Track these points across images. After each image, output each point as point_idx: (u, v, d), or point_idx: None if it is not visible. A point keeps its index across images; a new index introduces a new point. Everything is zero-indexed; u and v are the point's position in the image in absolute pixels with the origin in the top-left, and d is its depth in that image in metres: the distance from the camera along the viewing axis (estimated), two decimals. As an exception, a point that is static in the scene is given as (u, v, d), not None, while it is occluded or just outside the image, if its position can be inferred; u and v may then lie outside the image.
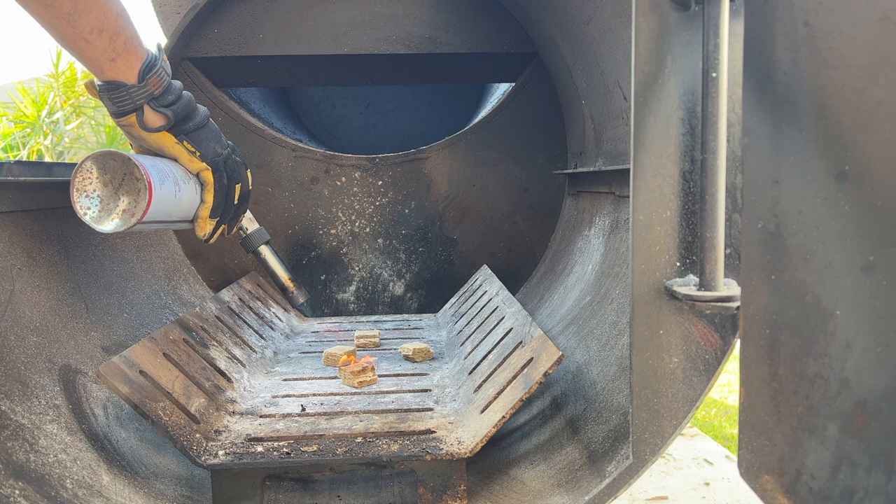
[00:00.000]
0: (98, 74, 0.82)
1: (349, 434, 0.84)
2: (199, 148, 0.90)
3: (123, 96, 0.83)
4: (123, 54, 0.80)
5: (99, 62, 0.79)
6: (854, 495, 0.40)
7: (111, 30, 0.77)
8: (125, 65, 0.81)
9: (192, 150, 0.90)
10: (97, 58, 0.79)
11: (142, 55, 0.82)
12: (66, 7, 0.72)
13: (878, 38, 0.38)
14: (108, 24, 0.77)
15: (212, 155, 0.92)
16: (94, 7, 0.74)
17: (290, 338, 1.38)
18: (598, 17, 1.13)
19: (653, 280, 0.63)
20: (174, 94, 0.86)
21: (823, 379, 0.42)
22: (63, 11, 0.72)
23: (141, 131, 0.86)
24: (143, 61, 0.82)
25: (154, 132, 0.86)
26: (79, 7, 0.73)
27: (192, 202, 0.94)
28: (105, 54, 0.79)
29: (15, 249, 0.90)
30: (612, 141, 1.23)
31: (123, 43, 0.79)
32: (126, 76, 0.81)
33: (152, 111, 0.85)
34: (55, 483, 0.68)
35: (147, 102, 0.84)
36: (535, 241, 1.66)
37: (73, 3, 0.72)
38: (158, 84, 0.84)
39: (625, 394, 0.80)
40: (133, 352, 0.82)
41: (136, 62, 0.82)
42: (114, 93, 0.82)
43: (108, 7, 0.77)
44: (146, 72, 0.82)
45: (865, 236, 0.39)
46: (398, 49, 1.58)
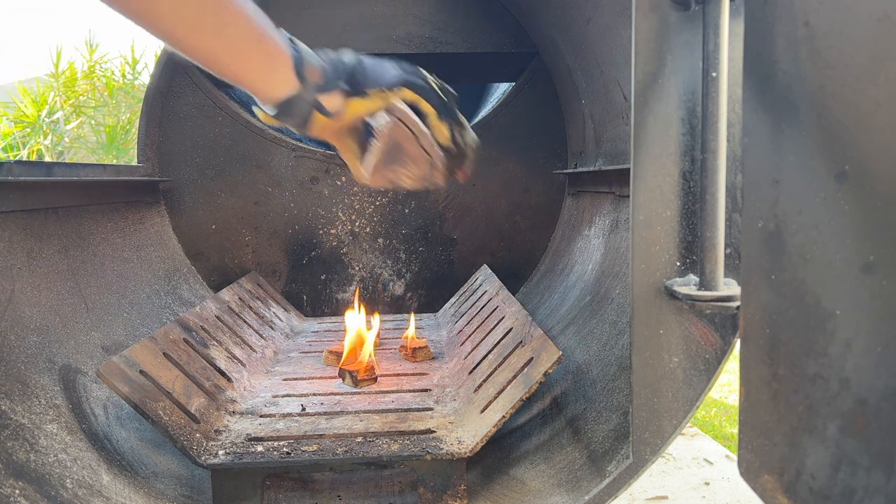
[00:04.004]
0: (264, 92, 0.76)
1: (349, 434, 0.84)
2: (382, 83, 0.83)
3: (299, 106, 0.78)
4: (277, 56, 0.74)
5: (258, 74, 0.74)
6: (854, 495, 0.40)
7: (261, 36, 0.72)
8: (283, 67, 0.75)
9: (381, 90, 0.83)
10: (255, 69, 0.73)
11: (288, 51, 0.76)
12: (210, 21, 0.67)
13: (878, 38, 0.38)
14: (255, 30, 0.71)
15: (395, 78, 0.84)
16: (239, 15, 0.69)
17: (290, 338, 1.38)
18: (598, 16, 1.13)
19: (653, 280, 0.63)
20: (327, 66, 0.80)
21: (823, 379, 0.42)
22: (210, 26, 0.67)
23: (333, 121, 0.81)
24: (292, 58, 0.76)
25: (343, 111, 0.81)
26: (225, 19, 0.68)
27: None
28: (263, 63, 0.73)
29: (15, 249, 0.90)
30: (612, 140, 1.23)
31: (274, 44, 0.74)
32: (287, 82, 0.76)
33: (328, 96, 0.79)
34: (55, 483, 0.68)
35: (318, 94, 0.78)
36: (535, 241, 1.66)
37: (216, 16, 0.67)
38: (315, 72, 0.78)
39: (625, 393, 0.80)
40: (133, 352, 0.82)
41: (289, 61, 0.76)
42: (290, 108, 0.77)
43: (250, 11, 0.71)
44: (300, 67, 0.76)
45: (865, 236, 0.39)
46: (398, 49, 1.58)
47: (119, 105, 5.39)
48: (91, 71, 5.39)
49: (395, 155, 0.85)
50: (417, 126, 0.84)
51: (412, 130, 0.83)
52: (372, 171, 0.85)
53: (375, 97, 0.83)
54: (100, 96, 5.41)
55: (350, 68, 0.81)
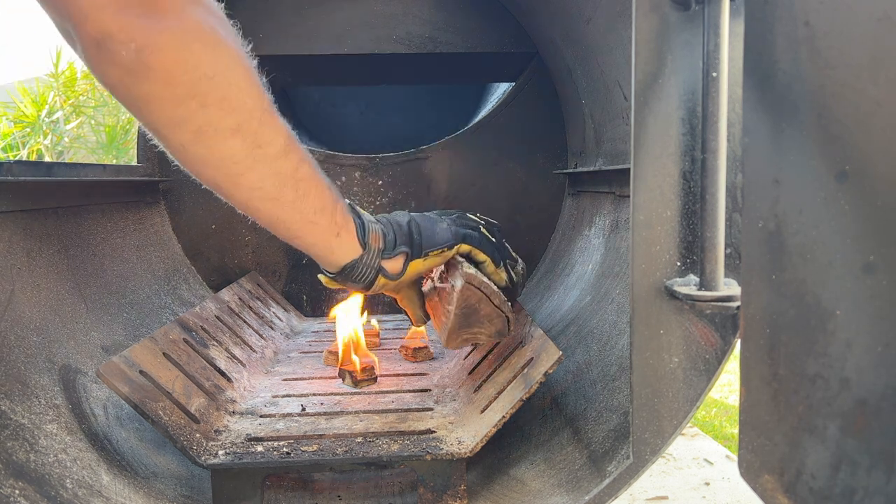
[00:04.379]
0: (327, 257, 0.77)
1: (349, 434, 0.84)
2: (439, 244, 0.86)
3: (363, 270, 0.79)
4: (344, 225, 0.76)
5: (326, 241, 0.75)
6: (854, 495, 0.40)
7: (331, 205, 0.73)
8: (348, 236, 0.77)
9: (437, 252, 0.86)
10: (323, 236, 0.74)
11: (352, 218, 0.78)
12: (289, 196, 0.67)
13: (878, 38, 0.37)
14: (327, 200, 0.72)
15: (450, 236, 0.88)
16: (313, 188, 0.70)
17: (290, 338, 1.38)
18: (598, 16, 1.13)
19: (653, 280, 0.63)
20: (389, 233, 0.82)
21: (824, 378, 0.42)
22: (287, 200, 0.68)
23: (394, 283, 0.84)
24: (355, 225, 0.78)
25: (405, 274, 0.84)
26: (300, 192, 0.68)
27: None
28: (330, 230, 0.74)
29: (15, 249, 0.90)
30: (612, 140, 1.23)
31: (341, 213, 0.75)
32: (350, 248, 0.78)
33: (390, 260, 0.82)
34: (55, 483, 0.68)
35: (381, 258, 0.81)
36: (535, 241, 1.66)
37: (294, 190, 0.68)
38: (377, 237, 0.80)
39: (625, 394, 0.80)
40: (133, 352, 0.82)
41: (353, 227, 0.78)
42: (353, 272, 0.79)
43: (323, 184, 0.72)
44: (363, 234, 0.78)
45: (866, 236, 0.39)
46: (398, 49, 1.58)
47: (119, 105, 5.37)
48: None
49: (470, 318, 0.87)
50: (489, 287, 0.87)
51: (483, 292, 0.85)
52: (447, 338, 0.88)
53: (435, 256, 0.86)
54: (100, 96, 5.41)
55: (407, 230, 0.84)
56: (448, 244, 0.87)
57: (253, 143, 0.62)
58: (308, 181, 0.69)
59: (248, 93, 0.60)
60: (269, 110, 0.64)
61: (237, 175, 0.63)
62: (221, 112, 0.58)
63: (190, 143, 0.59)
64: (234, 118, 0.59)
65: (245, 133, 0.61)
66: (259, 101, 0.62)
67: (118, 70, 0.53)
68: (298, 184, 0.68)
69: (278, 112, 0.66)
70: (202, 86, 0.56)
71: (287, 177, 0.67)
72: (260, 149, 0.63)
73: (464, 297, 0.84)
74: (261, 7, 1.54)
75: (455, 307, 0.85)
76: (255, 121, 0.61)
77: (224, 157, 0.61)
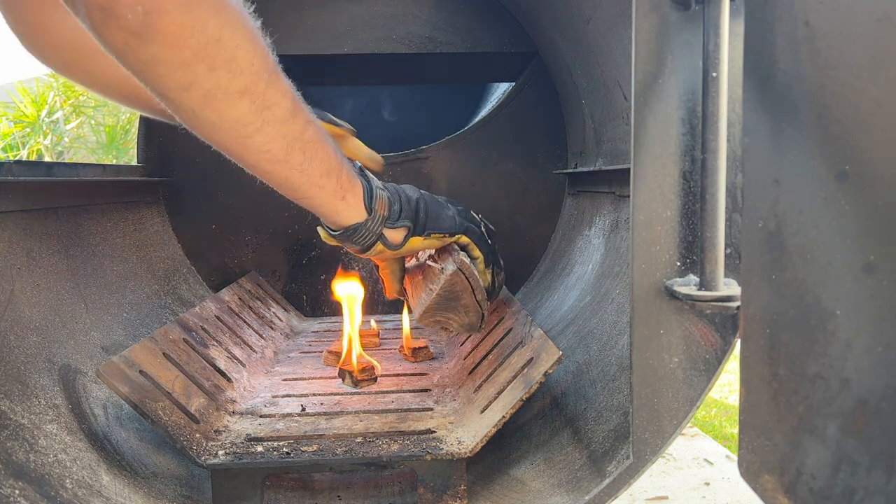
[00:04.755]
0: (332, 218, 0.79)
1: (349, 434, 0.84)
2: (444, 228, 0.89)
3: (364, 234, 0.80)
4: (350, 189, 0.77)
5: (332, 204, 0.76)
6: (854, 495, 0.40)
7: (336, 168, 0.74)
8: (354, 199, 0.78)
9: (439, 236, 0.88)
10: (329, 199, 0.76)
11: (359, 183, 0.79)
12: (297, 158, 0.68)
13: (878, 38, 0.37)
14: (332, 163, 0.73)
15: (454, 224, 0.90)
16: (319, 150, 0.70)
17: (290, 338, 1.38)
18: (598, 16, 1.13)
19: (653, 280, 0.63)
20: (395, 202, 0.84)
21: (824, 379, 0.42)
22: (295, 163, 0.68)
23: (390, 252, 0.85)
24: (363, 189, 0.79)
25: (403, 245, 0.85)
26: (308, 154, 0.69)
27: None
28: (336, 194, 0.75)
29: (15, 249, 0.90)
30: (612, 140, 1.23)
31: (347, 177, 0.76)
32: (357, 212, 0.79)
33: (392, 230, 0.83)
34: (55, 483, 0.68)
35: (384, 226, 0.82)
36: (535, 241, 1.66)
37: (302, 153, 0.68)
38: (383, 205, 0.81)
39: (625, 394, 0.80)
40: (133, 352, 0.82)
41: (360, 191, 0.79)
42: (354, 235, 0.80)
43: (329, 147, 0.72)
44: (369, 200, 0.80)
45: (866, 236, 0.39)
46: (398, 49, 1.58)
47: (119, 105, 5.38)
48: (91, 71, 5.38)
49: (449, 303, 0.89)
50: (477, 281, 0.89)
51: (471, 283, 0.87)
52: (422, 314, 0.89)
53: (435, 238, 0.88)
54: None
55: (415, 206, 0.86)
56: (451, 231, 0.89)
57: (262, 104, 0.62)
58: (315, 143, 0.70)
59: (255, 54, 0.60)
60: (276, 71, 0.63)
61: (245, 137, 0.63)
62: (230, 74, 0.58)
63: (199, 106, 0.59)
64: (243, 80, 0.59)
65: (253, 95, 0.60)
66: (265, 63, 0.61)
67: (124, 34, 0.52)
68: (306, 146, 0.68)
69: (283, 73, 0.66)
70: (210, 48, 0.55)
71: (295, 139, 0.67)
72: (268, 110, 0.62)
73: (451, 282, 0.86)
74: (261, 7, 1.53)
75: (439, 288, 0.87)
76: (263, 82, 0.61)
77: (233, 119, 0.61)
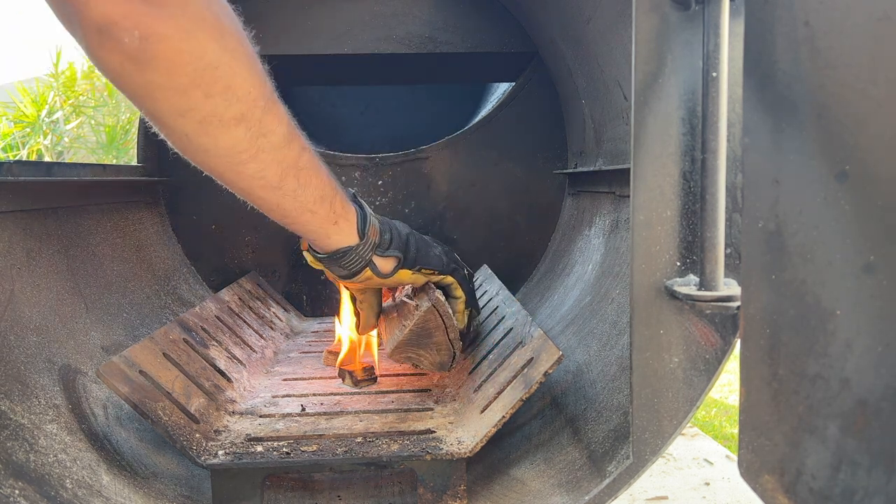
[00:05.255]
0: (321, 242, 0.79)
1: (349, 434, 0.84)
2: (432, 266, 0.89)
3: (353, 258, 0.80)
4: (343, 214, 0.77)
5: (323, 228, 0.76)
6: (854, 495, 0.39)
7: (330, 194, 0.74)
8: (346, 224, 0.78)
9: (429, 272, 0.89)
10: (321, 225, 0.76)
11: (353, 209, 0.79)
12: (290, 185, 0.68)
13: (878, 38, 0.37)
14: (326, 189, 0.73)
15: (442, 263, 0.91)
16: (313, 177, 0.70)
17: (290, 338, 1.38)
18: (598, 16, 1.13)
19: (653, 280, 0.63)
20: (386, 231, 0.84)
21: (824, 379, 0.42)
22: (289, 189, 0.68)
23: (378, 279, 0.85)
24: (356, 215, 0.79)
25: (391, 276, 0.85)
26: (302, 181, 0.69)
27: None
28: (328, 219, 0.75)
29: (15, 249, 0.90)
30: (612, 140, 1.23)
31: (340, 202, 0.76)
32: (349, 237, 0.79)
33: (381, 258, 0.83)
34: (55, 483, 0.68)
35: (374, 253, 0.82)
36: (535, 241, 1.66)
37: (296, 179, 0.68)
38: (375, 232, 0.82)
39: (625, 393, 0.80)
40: (133, 352, 0.82)
41: (353, 218, 0.79)
42: (342, 258, 0.80)
43: (323, 173, 0.72)
44: (363, 225, 0.80)
45: (866, 236, 0.39)
46: (398, 49, 1.58)
47: (119, 105, 5.38)
48: (91, 71, 5.39)
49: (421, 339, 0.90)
50: (451, 320, 0.91)
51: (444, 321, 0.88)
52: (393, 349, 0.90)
53: (423, 274, 0.89)
54: (99, 96, 5.41)
55: (405, 240, 0.86)
56: (439, 269, 0.91)
57: (257, 132, 0.62)
58: (309, 170, 0.70)
59: (252, 82, 0.60)
60: (272, 98, 0.63)
61: (240, 164, 0.63)
62: (226, 102, 0.58)
63: (194, 133, 0.59)
64: (239, 107, 0.59)
65: (249, 122, 0.60)
66: (262, 90, 0.61)
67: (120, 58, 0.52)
68: (300, 173, 0.68)
69: (280, 100, 0.66)
70: (207, 75, 0.55)
71: (289, 166, 0.67)
72: (264, 138, 0.63)
73: (425, 319, 0.88)
74: (261, 7, 1.54)
75: (413, 324, 0.88)
76: (259, 109, 0.61)
77: (228, 146, 0.61)
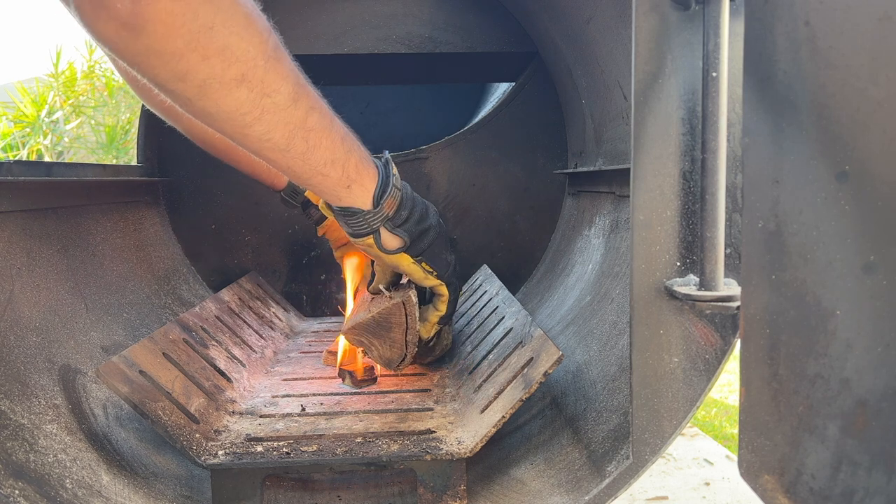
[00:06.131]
0: (333, 201, 0.78)
1: (349, 434, 0.84)
2: (435, 266, 0.87)
3: (360, 222, 0.79)
4: (357, 179, 0.75)
5: (335, 191, 0.75)
6: (855, 495, 0.39)
7: (342, 157, 0.72)
8: (360, 189, 0.76)
9: (430, 270, 0.87)
10: (333, 188, 0.75)
11: (373, 174, 0.77)
12: (299, 147, 0.67)
13: (878, 38, 0.37)
14: (338, 152, 0.71)
15: (447, 271, 0.88)
16: (324, 139, 0.69)
17: (290, 338, 1.38)
18: (598, 16, 1.13)
19: (653, 280, 0.63)
20: (406, 208, 0.82)
21: (824, 379, 0.42)
22: (297, 152, 0.67)
23: (378, 251, 0.83)
24: (375, 182, 0.77)
25: (392, 254, 0.83)
26: (311, 143, 0.67)
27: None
28: (340, 183, 0.74)
29: (15, 249, 0.90)
30: (612, 140, 1.23)
31: (355, 166, 0.74)
32: (361, 201, 0.77)
33: (389, 233, 0.81)
34: (55, 483, 0.68)
35: (383, 225, 0.80)
36: (535, 241, 1.66)
37: (304, 142, 0.67)
38: (392, 205, 0.80)
39: (625, 394, 0.80)
40: (133, 352, 0.82)
41: (370, 184, 0.77)
42: (350, 218, 0.79)
43: (336, 134, 0.71)
44: (380, 195, 0.78)
45: (866, 236, 0.39)
46: (398, 49, 1.58)
47: (119, 105, 5.38)
48: (91, 71, 5.38)
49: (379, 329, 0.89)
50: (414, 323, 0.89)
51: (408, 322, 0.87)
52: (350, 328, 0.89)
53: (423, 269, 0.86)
54: (99, 96, 5.41)
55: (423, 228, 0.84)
56: (440, 273, 0.88)
57: (260, 91, 0.60)
58: (319, 131, 0.68)
59: (251, 40, 0.58)
60: (275, 56, 0.61)
61: (245, 126, 0.62)
62: (224, 63, 0.56)
63: (195, 96, 0.58)
64: (238, 68, 0.57)
65: (251, 82, 0.59)
66: (263, 48, 0.59)
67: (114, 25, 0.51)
68: (308, 134, 0.67)
69: (288, 55, 0.64)
70: (202, 37, 0.54)
71: (296, 127, 0.65)
72: (268, 97, 0.61)
73: (390, 312, 0.87)
74: (260, 7, 1.53)
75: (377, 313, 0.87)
76: (261, 69, 0.59)
77: (231, 109, 0.60)
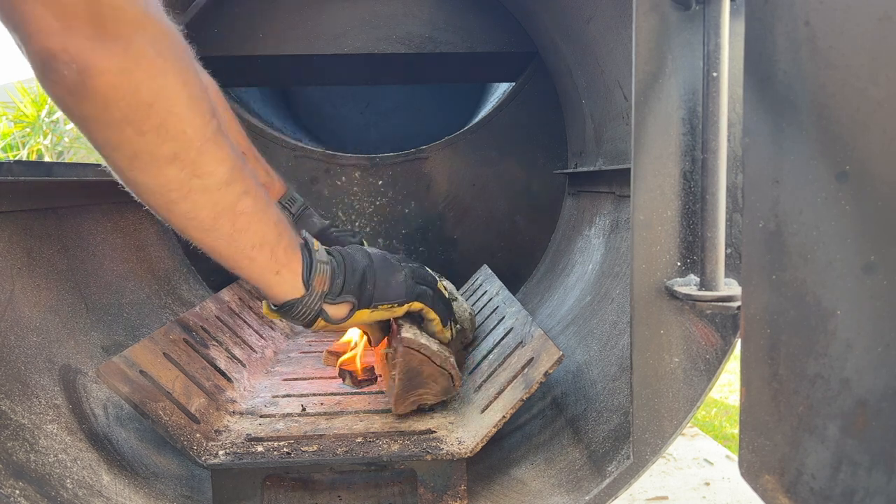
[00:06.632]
0: (267, 292, 0.76)
1: (349, 434, 0.84)
2: (391, 298, 0.84)
3: (302, 311, 0.77)
4: (287, 264, 0.73)
5: (264, 278, 0.73)
6: (855, 495, 0.40)
7: (272, 241, 0.71)
8: (290, 274, 0.74)
9: (388, 307, 0.84)
10: (261, 273, 0.72)
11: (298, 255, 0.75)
12: (225, 229, 0.66)
13: (878, 38, 0.38)
14: (269, 235, 0.70)
15: (403, 292, 0.85)
16: (254, 223, 0.68)
17: (290, 338, 1.38)
18: (598, 16, 1.13)
19: (653, 280, 0.63)
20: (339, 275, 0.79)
21: (824, 379, 0.42)
22: (223, 233, 0.66)
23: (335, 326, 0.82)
24: (302, 263, 0.75)
25: (349, 319, 0.82)
26: (238, 226, 0.67)
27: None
28: (269, 268, 0.72)
29: (15, 249, 0.90)
30: (612, 140, 1.23)
31: (285, 251, 0.73)
32: (292, 288, 0.75)
33: (334, 306, 0.79)
34: (55, 483, 0.68)
35: (323, 302, 0.78)
36: (536, 241, 1.66)
37: (231, 224, 0.66)
38: (323, 280, 0.77)
39: (625, 394, 0.80)
40: (133, 351, 0.82)
41: (298, 266, 0.75)
42: (292, 311, 0.77)
43: (268, 219, 0.70)
44: (308, 276, 0.76)
45: (866, 236, 0.39)
46: (398, 48, 1.58)
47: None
48: (91, 71, 5.38)
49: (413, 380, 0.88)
50: (429, 348, 0.87)
51: (424, 353, 0.86)
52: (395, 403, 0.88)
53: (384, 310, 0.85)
54: (100, 96, 5.40)
55: (360, 279, 0.82)
56: (400, 300, 0.85)
57: (190, 172, 0.61)
58: (249, 215, 0.68)
59: (190, 122, 0.60)
60: (213, 139, 0.62)
61: (171, 203, 0.63)
62: (158, 139, 0.58)
63: (126, 167, 0.60)
64: (171, 146, 0.59)
65: (182, 162, 0.60)
66: (201, 131, 0.61)
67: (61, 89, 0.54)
68: (237, 217, 0.67)
69: (227, 141, 0.64)
70: (140, 112, 0.56)
71: (224, 209, 0.65)
72: (198, 179, 0.62)
73: (405, 361, 0.85)
74: (261, 7, 1.54)
75: (399, 372, 0.86)
76: (195, 150, 0.61)
77: (159, 184, 0.61)
